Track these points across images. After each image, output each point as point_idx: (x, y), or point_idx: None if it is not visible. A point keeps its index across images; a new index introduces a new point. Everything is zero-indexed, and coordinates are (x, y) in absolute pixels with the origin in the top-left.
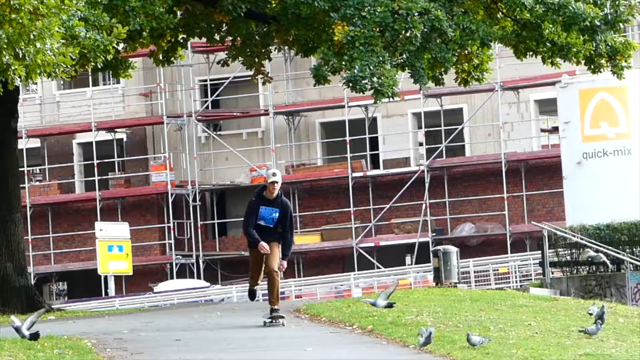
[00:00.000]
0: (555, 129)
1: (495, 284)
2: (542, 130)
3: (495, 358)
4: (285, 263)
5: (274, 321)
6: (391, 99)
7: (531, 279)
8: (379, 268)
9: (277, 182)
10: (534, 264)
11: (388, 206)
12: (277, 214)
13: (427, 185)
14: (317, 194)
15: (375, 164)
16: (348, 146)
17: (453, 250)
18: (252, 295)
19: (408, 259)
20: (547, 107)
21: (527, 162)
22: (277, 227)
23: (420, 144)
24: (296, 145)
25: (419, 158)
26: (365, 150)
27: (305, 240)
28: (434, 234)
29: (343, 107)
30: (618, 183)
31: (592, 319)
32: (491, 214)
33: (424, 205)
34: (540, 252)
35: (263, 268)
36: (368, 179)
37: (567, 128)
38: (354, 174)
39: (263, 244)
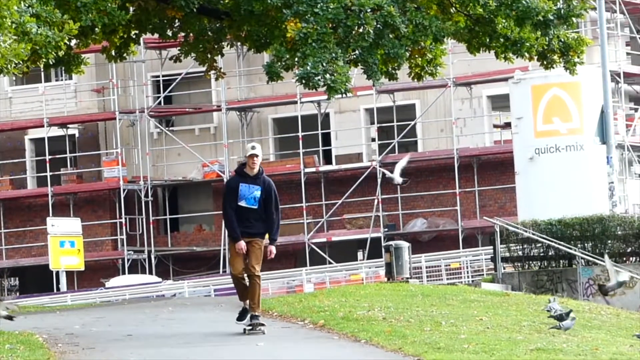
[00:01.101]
0: (507, 125)
1: (447, 279)
2: (495, 126)
3: (447, 353)
4: (273, 249)
5: (254, 329)
6: (344, 95)
7: (483, 274)
8: (331, 263)
9: (256, 156)
10: (485, 259)
11: (340, 202)
12: (259, 192)
13: (379, 180)
14: None
15: (327, 159)
16: (300, 142)
17: (405, 245)
18: (242, 314)
19: (360, 255)
20: (500, 102)
21: (480, 158)
22: (260, 209)
23: (373, 140)
24: (248, 141)
25: (371, 154)
26: (318, 145)
27: None
28: (386, 230)
29: (295, 103)
30: (570, 178)
31: (547, 314)
32: (443, 209)
33: (376, 201)
34: (492, 247)
35: (246, 261)
36: (320, 174)
37: (520, 124)
38: (306, 170)
39: (241, 244)
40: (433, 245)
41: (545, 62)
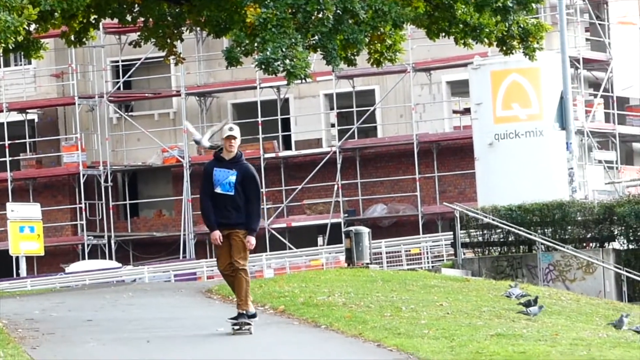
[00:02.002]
0: (467, 111)
1: (407, 264)
2: (454, 112)
3: (407, 338)
4: (252, 240)
5: (240, 328)
6: (303, 81)
7: (443, 260)
8: (291, 249)
9: (234, 138)
10: (445, 244)
11: (300, 187)
12: (235, 177)
13: (339, 166)
14: None
15: (287, 145)
16: (260, 127)
17: (365, 231)
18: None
19: (320, 240)
20: (459, 88)
21: (439, 144)
22: (237, 195)
23: (332, 125)
24: (208, 126)
25: (331, 139)
26: (277, 131)
27: None
28: (346, 215)
29: (255, 88)
30: (530, 164)
31: (512, 301)
32: (403, 195)
33: (335, 186)
34: (452, 233)
35: (230, 253)
36: (280, 159)
37: (479, 109)
38: (266, 155)
39: (216, 234)
40: (393, 230)
41: (504, 48)
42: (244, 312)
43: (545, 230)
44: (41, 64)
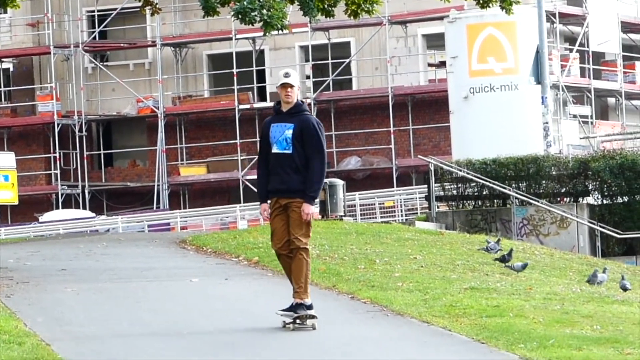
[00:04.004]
0: (442, 64)
1: (381, 217)
2: (430, 65)
3: (381, 291)
4: (308, 209)
5: (303, 322)
6: (280, 32)
7: (417, 213)
8: None
9: (291, 86)
10: (419, 198)
11: None
12: (292, 132)
13: None
14: (203, 125)
15: (262, 96)
16: (235, 78)
17: (339, 183)
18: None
19: None
20: (435, 41)
21: (414, 96)
22: (297, 154)
23: (308, 77)
24: (183, 77)
25: (305, 91)
26: (252, 82)
27: (190, 172)
28: None
29: (230, 39)
30: (505, 118)
31: (486, 255)
32: (377, 147)
33: None
34: (426, 186)
35: (288, 230)
36: (255, 111)
37: (455, 63)
38: (241, 106)
39: (263, 207)
40: (367, 183)
41: (481, 1)
42: (302, 302)
43: (520, 184)
44: (17, 14)
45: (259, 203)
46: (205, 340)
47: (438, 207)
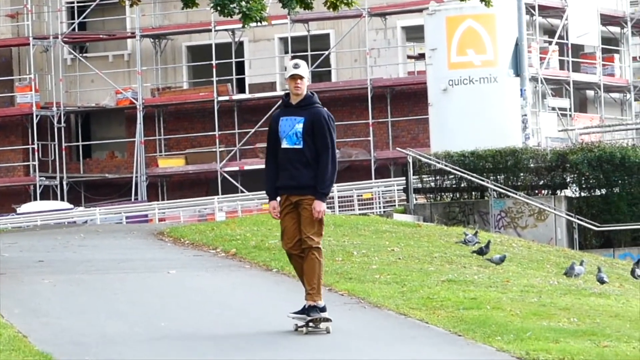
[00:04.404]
0: (421, 56)
1: (359, 209)
2: (409, 57)
3: (359, 283)
4: (320, 206)
5: (316, 326)
6: (259, 24)
7: (395, 205)
8: (243, 192)
9: (300, 77)
10: (398, 190)
11: (253, 130)
12: (302, 125)
13: None
14: (182, 117)
15: (241, 88)
16: (214, 70)
17: None
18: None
19: None
20: (414, 33)
21: (393, 89)
22: (307, 149)
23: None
24: (162, 69)
25: (284, 83)
26: (232, 74)
27: (169, 164)
28: None
29: (210, 31)
30: (483, 110)
31: (464, 248)
32: (356, 139)
33: None
34: (404, 178)
35: (299, 229)
36: (234, 103)
37: (434, 55)
38: (220, 98)
39: (272, 205)
40: (345, 175)
41: None
42: (315, 304)
43: (498, 176)
44: None
45: (267, 200)
46: (183, 332)
47: (416, 200)
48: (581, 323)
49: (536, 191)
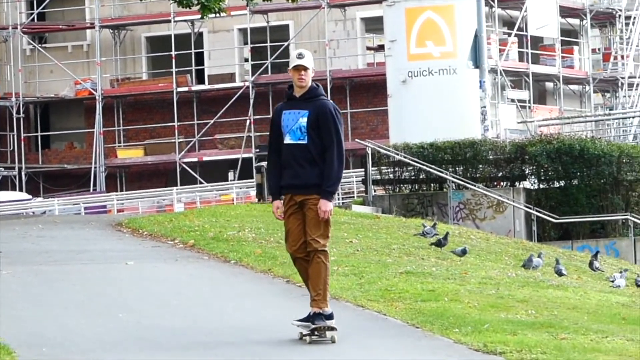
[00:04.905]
0: (381, 47)
1: None
2: (368, 48)
3: None
4: (326, 206)
5: (321, 335)
6: (218, 15)
7: (354, 197)
8: (202, 183)
9: (304, 68)
10: (356, 181)
11: (212, 121)
12: (306, 119)
13: (251, 101)
14: (141, 108)
15: (200, 79)
16: (173, 61)
17: None
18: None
19: (231, 175)
20: (374, 25)
21: (352, 80)
22: (312, 144)
23: (246, 60)
24: (121, 59)
25: (244, 74)
26: (191, 65)
27: (128, 154)
28: (258, 150)
29: (169, 21)
30: (442, 102)
31: (422, 240)
32: None
33: (248, 121)
34: (363, 169)
35: (304, 231)
36: (193, 93)
37: (393, 46)
38: (179, 89)
39: (275, 205)
40: None
41: None
42: (321, 311)
43: (457, 168)
44: None
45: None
46: (141, 324)
47: (375, 191)
48: (539, 315)
49: (495, 183)
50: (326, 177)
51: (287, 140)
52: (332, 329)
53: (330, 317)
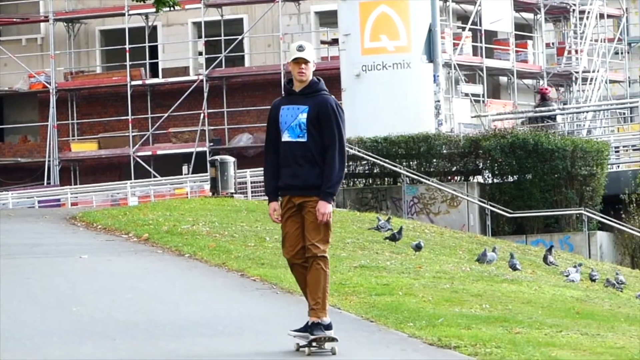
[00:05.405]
0: (335, 41)
1: None
2: (322, 42)
3: (270, 268)
4: (325, 208)
5: (319, 346)
6: (172, 8)
7: None
8: (156, 177)
9: (305, 62)
10: None
11: (166, 115)
12: (306, 115)
13: (205, 94)
14: (95, 101)
15: (154, 72)
16: (127, 54)
17: (230, 160)
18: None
19: (185, 169)
20: (328, 19)
21: None
22: (313, 142)
23: (200, 54)
24: (75, 53)
25: (198, 67)
26: (145, 58)
27: (82, 148)
28: (212, 144)
29: (123, 15)
30: (397, 96)
31: (379, 234)
32: None
33: (202, 115)
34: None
35: (303, 235)
36: (147, 87)
37: (347, 40)
38: (133, 82)
39: (271, 208)
40: (258, 160)
41: None
42: (320, 321)
43: (411, 162)
44: None
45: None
46: (95, 317)
47: None
48: (493, 309)
49: (449, 177)
50: (326, 178)
51: (286, 137)
52: (333, 339)
53: (329, 327)
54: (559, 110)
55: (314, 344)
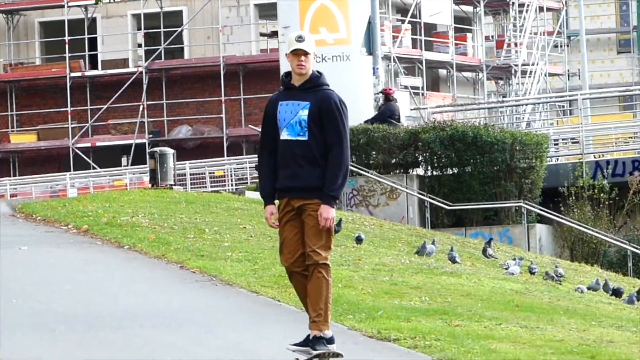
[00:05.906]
0: (274, 34)
1: (211, 186)
2: (262, 35)
3: (210, 260)
4: (328, 213)
5: None
6: (112, 0)
7: (247, 183)
8: (95, 168)
9: (304, 53)
10: (250, 167)
11: (105, 107)
12: (307, 112)
13: (145, 86)
14: (34, 93)
15: (93, 64)
16: (67, 46)
17: (170, 152)
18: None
19: (124, 160)
20: (267, 11)
21: (246, 66)
22: (314, 140)
23: (139, 46)
24: (14, 44)
25: (137, 59)
26: (84, 50)
27: (21, 139)
28: (151, 136)
29: (63, 7)
30: (336, 89)
31: None
32: (208, 116)
33: (141, 107)
34: (256, 155)
35: (302, 241)
36: (86, 79)
37: (286, 33)
38: (72, 74)
39: (267, 212)
40: (198, 152)
41: None
42: (322, 334)
43: (352, 155)
44: None
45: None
46: (34, 309)
47: None
48: (433, 302)
49: (388, 170)
50: (329, 180)
51: (284, 136)
52: (337, 355)
53: (331, 340)
54: (499, 102)
55: None
